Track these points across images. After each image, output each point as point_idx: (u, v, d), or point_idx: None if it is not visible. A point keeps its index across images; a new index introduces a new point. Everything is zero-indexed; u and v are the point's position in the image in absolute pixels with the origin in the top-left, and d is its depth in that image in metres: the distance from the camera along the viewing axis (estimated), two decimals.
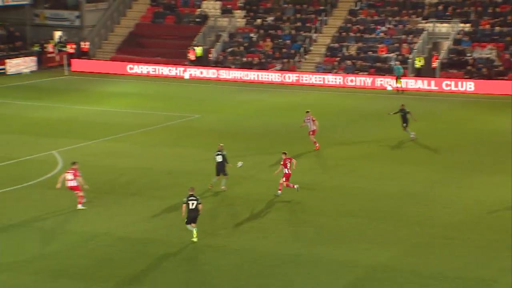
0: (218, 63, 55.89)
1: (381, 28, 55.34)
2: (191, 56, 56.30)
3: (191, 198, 23.24)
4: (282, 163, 27.68)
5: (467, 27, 53.84)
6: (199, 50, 56.56)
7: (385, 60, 52.85)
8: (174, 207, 26.43)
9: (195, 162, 32.10)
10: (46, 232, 24.32)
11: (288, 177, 27.58)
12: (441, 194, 28.19)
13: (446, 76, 50.60)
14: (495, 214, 25.86)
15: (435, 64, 51.69)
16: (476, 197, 27.70)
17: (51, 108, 44.02)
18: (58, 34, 61.68)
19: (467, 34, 53.23)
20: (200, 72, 54.53)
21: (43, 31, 61.20)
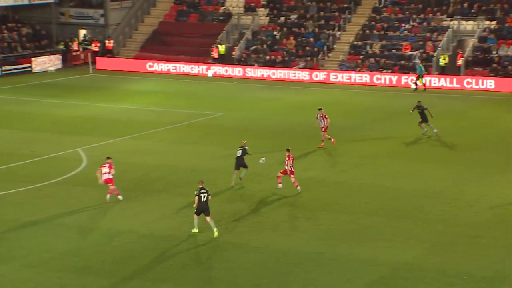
0: (241, 61, 55.95)
1: (405, 26, 55.04)
2: (214, 54, 56.42)
3: (202, 191, 23.63)
4: (286, 158, 27.94)
5: (492, 24, 53.37)
6: (222, 48, 56.65)
7: (409, 58, 52.57)
8: None
9: (219, 159, 32.17)
10: (71, 229, 24.52)
11: (285, 172, 27.79)
12: (464, 192, 28.00)
13: (471, 74, 50.25)
14: None
15: (460, 62, 51.32)
16: (501, 195, 27.46)
17: (76, 106, 44.36)
18: (83, 33, 62.18)
19: (492, 31, 52.76)
20: (225, 70, 54.61)
21: (68, 29, 61.72)
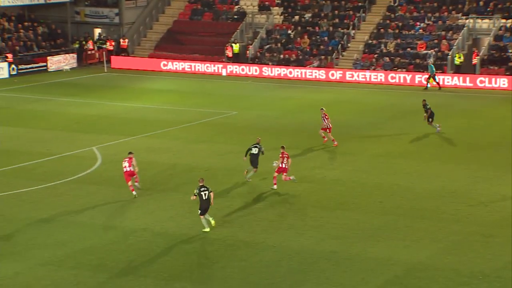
0: (256, 60, 55.97)
1: (420, 25, 54.86)
2: (229, 53, 56.47)
3: (202, 189, 23.54)
4: (280, 156, 27.93)
5: (508, 22, 53.08)
6: (236, 47, 56.69)
7: (424, 57, 52.39)
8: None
9: (233, 158, 32.20)
10: (85, 227, 24.65)
11: (280, 171, 27.78)
12: (479, 191, 27.87)
13: (487, 73, 50.02)
14: None
15: (475, 61, 51.07)
16: None
17: (91, 105, 44.56)
18: (98, 32, 62.44)
19: (508, 29, 52.48)
20: (242, 69, 54.65)
21: (83, 28, 62.01)
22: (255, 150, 28.72)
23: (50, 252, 22.43)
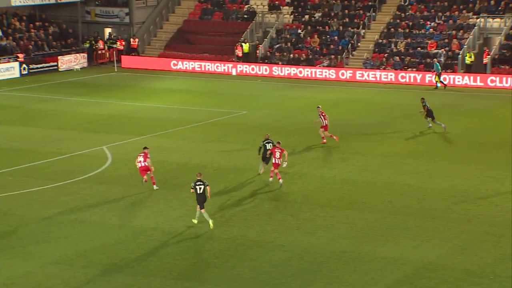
0: (266, 60, 55.98)
1: (430, 24, 54.69)
2: (239, 52, 56.51)
3: (198, 183, 24.03)
4: (271, 150, 28.42)
5: None
6: (246, 47, 56.72)
7: (434, 56, 52.25)
8: (221, 203, 26.65)
9: (242, 158, 32.23)
10: (95, 226, 24.74)
11: (276, 166, 28.08)
12: (490, 192, 27.77)
13: (497, 72, 49.83)
14: None
15: (486, 60, 50.88)
16: None
17: (101, 104, 44.70)
18: (108, 31, 62.61)
19: None
20: (252, 68, 54.66)
21: (94, 28, 62.19)
22: (269, 146, 29.18)
23: (61, 251, 22.53)
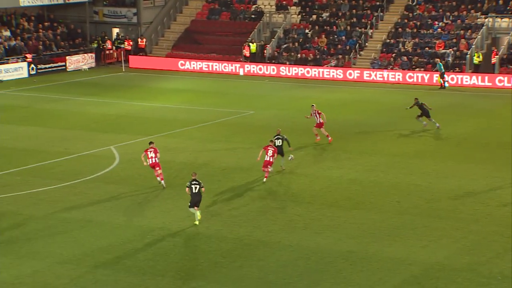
0: (273, 60, 55.97)
1: (438, 24, 54.57)
2: (246, 52, 56.52)
3: (194, 183, 24.19)
4: (263, 148, 28.66)
5: None
6: (253, 47, 56.73)
7: (442, 56, 52.13)
8: (228, 203, 26.67)
9: (249, 158, 32.22)
10: (103, 226, 24.78)
11: (267, 164, 28.32)
12: (497, 191, 27.69)
13: (506, 72, 49.67)
14: None
15: (494, 60, 50.73)
16: None
17: (109, 104, 44.79)
18: (116, 31, 62.74)
19: None
20: (259, 68, 54.66)
21: (102, 28, 62.33)
22: (279, 142, 29.55)
23: (68, 251, 22.58)
